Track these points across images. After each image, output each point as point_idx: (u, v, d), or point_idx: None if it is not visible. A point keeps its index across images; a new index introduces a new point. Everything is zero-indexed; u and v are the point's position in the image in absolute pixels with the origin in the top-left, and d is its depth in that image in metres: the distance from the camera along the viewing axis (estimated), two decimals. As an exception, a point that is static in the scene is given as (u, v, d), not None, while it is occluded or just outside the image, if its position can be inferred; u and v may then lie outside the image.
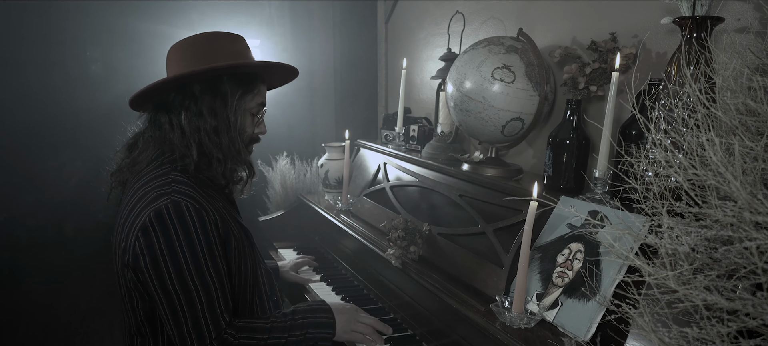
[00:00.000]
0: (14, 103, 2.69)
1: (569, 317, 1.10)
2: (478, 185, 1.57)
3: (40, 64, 2.74)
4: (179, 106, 1.20)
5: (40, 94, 2.76)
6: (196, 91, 1.20)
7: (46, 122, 2.76)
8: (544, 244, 1.25)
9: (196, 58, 1.20)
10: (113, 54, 2.89)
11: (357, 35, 2.99)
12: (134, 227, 1.09)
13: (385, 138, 2.25)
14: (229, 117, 1.22)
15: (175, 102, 1.20)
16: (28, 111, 2.75)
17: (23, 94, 2.71)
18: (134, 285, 1.14)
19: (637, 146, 1.19)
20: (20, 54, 2.70)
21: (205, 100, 1.20)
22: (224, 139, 1.22)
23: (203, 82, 1.20)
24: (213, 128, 1.20)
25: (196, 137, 1.20)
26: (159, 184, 1.14)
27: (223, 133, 1.22)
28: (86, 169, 2.79)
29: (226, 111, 1.22)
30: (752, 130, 0.83)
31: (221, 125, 1.21)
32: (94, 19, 2.77)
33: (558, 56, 1.51)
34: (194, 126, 1.20)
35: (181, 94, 1.20)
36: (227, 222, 1.21)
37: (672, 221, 0.83)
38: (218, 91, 1.21)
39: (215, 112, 1.21)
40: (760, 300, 0.69)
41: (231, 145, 1.23)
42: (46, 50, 2.75)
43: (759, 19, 1.12)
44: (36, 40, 2.73)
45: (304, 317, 1.26)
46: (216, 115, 1.21)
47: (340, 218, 1.99)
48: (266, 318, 1.23)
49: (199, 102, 1.20)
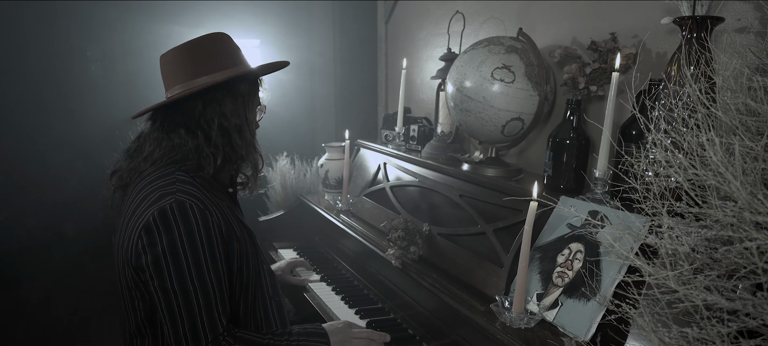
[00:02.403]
0: (14, 104, 2.69)
1: (569, 317, 1.10)
2: (478, 185, 1.57)
3: (40, 64, 2.74)
4: (201, 114, 1.22)
5: (40, 94, 2.76)
6: (218, 96, 1.23)
7: (46, 122, 2.77)
8: (544, 244, 1.25)
9: (204, 64, 1.22)
10: (113, 54, 2.89)
11: (357, 35, 2.99)
12: (138, 226, 1.09)
13: (385, 138, 2.25)
14: (248, 116, 1.28)
15: (195, 110, 1.22)
16: (28, 111, 2.75)
17: (23, 95, 2.71)
18: (135, 284, 1.13)
19: (637, 146, 1.19)
20: (20, 54, 2.70)
21: (228, 104, 1.24)
22: (247, 137, 1.27)
23: (223, 87, 1.23)
24: (237, 128, 1.25)
25: (221, 141, 1.23)
26: (164, 183, 1.14)
27: (245, 131, 1.27)
28: (86, 170, 2.79)
29: (246, 111, 1.27)
30: (752, 130, 0.83)
31: (244, 125, 1.26)
32: (94, 19, 2.77)
33: (558, 56, 1.51)
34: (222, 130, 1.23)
35: (202, 101, 1.22)
36: (231, 223, 1.21)
37: (672, 221, 0.83)
38: (238, 94, 1.25)
39: (238, 113, 1.25)
40: (760, 300, 0.69)
41: (251, 141, 1.29)
42: (46, 50, 2.76)
43: (759, 19, 1.12)
44: (36, 40, 2.73)
45: (299, 340, 1.25)
46: (239, 115, 1.25)
47: (340, 218, 1.99)
48: (263, 334, 1.23)
49: (223, 106, 1.23)
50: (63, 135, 2.79)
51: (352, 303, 1.65)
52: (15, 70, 2.66)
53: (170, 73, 1.25)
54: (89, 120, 2.78)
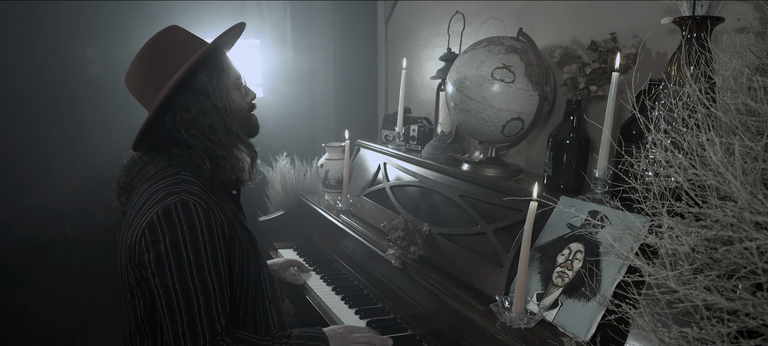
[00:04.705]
0: (14, 104, 2.69)
1: (569, 317, 1.10)
2: (478, 185, 1.57)
3: (40, 64, 2.74)
4: (173, 128, 1.20)
5: (40, 95, 2.76)
6: (180, 102, 1.19)
7: (46, 122, 2.77)
8: (544, 244, 1.25)
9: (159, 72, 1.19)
10: (113, 54, 2.89)
11: (357, 35, 2.99)
12: (141, 224, 1.10)
13: (385, 138, 2.25)
14: (217, 105, 1.22)
15: (166, 126, 1.20)
16: (29, 111, 2.75)
17: (23, 95, 2.71)
18: (136, 282, 1.14)
19: (637, 146, 1.18)
20: (20, 54, 2.70)
21: (191, 104, 1.19)
22: (220, 131, 1.22)
23: (180, 90, 1.19)
24: (209, 126, 1.20)
25: (201, 144, 1.20)
26: (169, 183, 1.15)
27: (218, 126, 1.22)
28: (86, 170, 2.80)
29: (213, 101, 1.21)
30: (752, 130, 0.83)
31: (215, 120, 1.21)
32: (94, 19, 2.77)
33: (558, 56, 1.51)
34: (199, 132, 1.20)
35: (170, 114, 1.20)
36: (233, 225, 1.21)
37: (672, 221, 0.83)
38: (198, 90, 1.20)
39: (204, 109, 1.20)
40: (760, 300, 0.69)
41: (229, 134, 1.23)
42: (46, 50, 2.76)
43: (759, 19, 1.12)
44: (36, 40, 2.73)
45: (298, 342, 1.25)
46: (206, 112, 1.20)
47: (340, 218, 1.99)
48: (262, 336, 1.23)
49: (188, 110, 1.19)
50: (63, 135, 2.80)
51: (352, 303, 1.65)
52: (15, 70, 2.66)
53: (139, 95, 1.24)
54: (90, 120, 2.78)
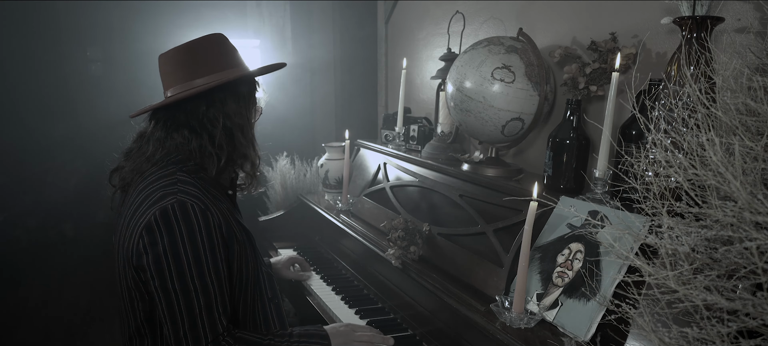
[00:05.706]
0: (14, 104, 2.69)
1: (569, 317, 1.10)
2: (478, 185, 1.57)
3: (40, 64, 2.75)
4: (204, 114, 1.23)
5: (40, 95, 2.76)
6: (221, 97, 1.24)
7: (46, 122, 2.77)
8: (544, 244, 1.25)
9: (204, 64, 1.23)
10: (113, 54, 2.89)
11: (357, 35, 2.99)
12: (139, 226, 1.09)
13: (385, 138, 2.25)
14: (249, 117, 1.30)
15: (199, 110, 1.23)
16: (28, 111, 2.75)
17: (23, 95, 2.72)
18: (135, 284, 1.13)
19: (637, 146, 1.18)
20: (20, 54, 2.70)
21: (230, 105, 1.25)
22: (248, 136, 1.30)
23: (225, 88, 1.24)
24: (239, 128, 1.27)
25: (224, 141, 1.24)
26: (165, 183, 1.14)
27: (247, 131, 1.29)
28: (86, 170, 2.80)
29: (247, 111, 1.30)
30: (752, 130, 0.83)
31: (245, 125, 1.28)
32: (94, 19, 2.77)
33: (558, 56, 1.51)
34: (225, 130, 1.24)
35: (206, 102, 1.23)
36: (231, 224, 1.21)
37: (672, 221, 0.83)
38: (240, 95, 1.27)
39: (240, 113, 1.27)
40: (760, 300, 0.69)
41: (252, 141, 1.32)
42: (46, 50, 2.76)
43: (759, 19, 1.12)
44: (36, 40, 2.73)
45: (299, 341, 1.25)
46: (241, 116, 1.27)
47: (340, 218, 1.99)
48: (263, 335, 1.23)
49: (226, 106, 1.24)
50: (63, 135, 2.80)
51: (352, 303, 1.65)
52: (15, 71, 2.66)
53: (170, 72, 1.25)
54: (89, 120, 2.78)
